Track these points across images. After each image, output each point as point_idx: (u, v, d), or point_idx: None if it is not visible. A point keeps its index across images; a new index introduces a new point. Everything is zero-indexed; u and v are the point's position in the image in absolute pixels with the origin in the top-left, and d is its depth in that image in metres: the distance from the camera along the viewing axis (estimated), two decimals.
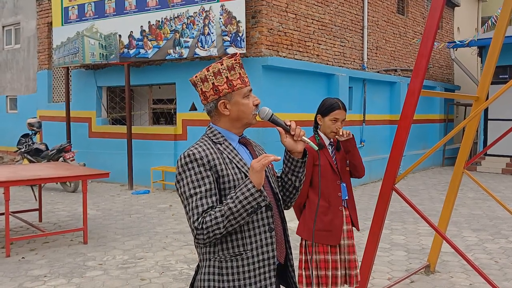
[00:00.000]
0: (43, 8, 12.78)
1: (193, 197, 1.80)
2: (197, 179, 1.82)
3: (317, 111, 3.18)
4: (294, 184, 2.06)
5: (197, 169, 1.82)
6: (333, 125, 3.10)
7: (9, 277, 4.82)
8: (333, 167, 3.15)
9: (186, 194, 1.82)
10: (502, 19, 4.10)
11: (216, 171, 1.84)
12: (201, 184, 1.81)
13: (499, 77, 13.09)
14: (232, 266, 1.86)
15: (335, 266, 3.14)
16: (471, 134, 4.51)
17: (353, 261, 3.19)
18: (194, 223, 1.78)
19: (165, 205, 8.47)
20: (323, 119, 3.12)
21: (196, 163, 1.82)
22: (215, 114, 1.96)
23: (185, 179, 1.83)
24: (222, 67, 1.90)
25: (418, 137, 13.93)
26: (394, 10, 13.49)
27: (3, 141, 14.59)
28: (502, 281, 4.71)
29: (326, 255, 3.11)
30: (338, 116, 3.09)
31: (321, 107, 3.16)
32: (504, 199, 9.07)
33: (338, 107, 3.11)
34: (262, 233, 1.90)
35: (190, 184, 1.81)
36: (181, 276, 4.88)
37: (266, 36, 8.84)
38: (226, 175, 1.85)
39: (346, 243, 3.20)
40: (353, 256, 3.21)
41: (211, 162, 1.84)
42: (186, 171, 1.83)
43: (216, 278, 1.86)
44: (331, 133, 3.12)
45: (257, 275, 1.88)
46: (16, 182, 5.62)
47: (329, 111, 3.10)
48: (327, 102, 3.15)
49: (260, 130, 8.60)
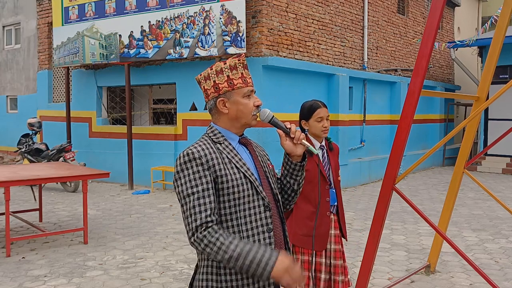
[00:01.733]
0: (43, 8, 12.79)
1: (191, 196, 1.80)
2: (195, 179, 1.81)
3: (300, 117, 3.15)
4: (292, 187, 2.06)
5: (195, 169, 1.82)
6: (320, 124, 3.08)
7: (9, 277, 4.82)
8: (322, 172, 3.08)
9: (183, 193, 1.82)
10: (502, 19, 4.10)
11: (215, 171, 1.84)
12: (198, 184, 1.81)
13: (500, 77, 13.09)
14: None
15: (319, 268, 3.08)
16: (471, 134, 4.51)
17: (338, 267, 3.11)
18: (192, 223, 1.77)
19: (165, 205, 8.47)
20: (308, 123, 3.10)
21: (194, 162, 1.83)
22: (215, 113, 1.97)
23: (183, 178, 1.83)
24: (225, 66, 1.93)
25: (418, 137, 13.93)
26: (394, 10, 13.49)
27: (3, 141, 14.60)
28: (502, 281, 4.71)
29: (310, 256, 3.07)
30: (321, 114, 3.07)
31: (302, 113, 3.14)
32: (504, 199, 9.07)
33: (318, 106, 3.10)
34: (260, 234, 1.89)
35: (188, 183, 1.81)
36: (181, 276, 4.88)
37: (266, 36, 8.84)
38: (225, 175, 1.85)
39: (333, 247, 3.13)
40: (339, 262, 3.12)
41: (209, 162, 1.84)
42: (184, 170, 1.83)
43: (214, 278, 1.86)
44: (323, 131, 3.09)
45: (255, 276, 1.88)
46: (16, 182, 5.62)
47: (311, 113, 3.09)
48: (306, 105, 3.14)
49: (260, 130, 8.60)
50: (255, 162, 1.98)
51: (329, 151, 3.21)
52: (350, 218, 7.56)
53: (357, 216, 7.69)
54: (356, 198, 9.39)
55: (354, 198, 9.43)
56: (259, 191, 1.89)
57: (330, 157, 3.19)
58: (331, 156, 3.20)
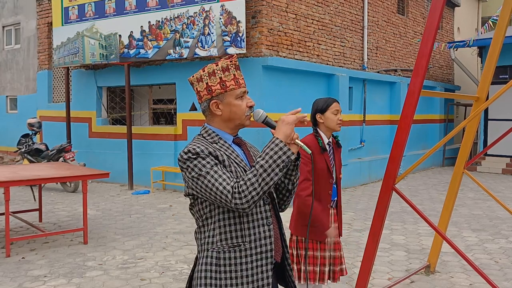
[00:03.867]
0: (43, 8, 12.78)
1: (210, 172, 1.82)
2: (204, 165, 1.84)
3: (315, 111, 3.25)
4: (287, 187, 2.08)
5: (201, 160, 1.85)
6: (336, 117, 3.19)
7: (9, 277, 4.82)
8: (329, 168, 3.20)
9: (201, 172, 1.82)
10: (502, 19, 4.10)
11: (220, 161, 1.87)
12: (212, 165, 1.84)
13: (499, 77, 13.10)
14: (229, 257, 1.88)
15: (323, 262, 3.22)
16: (471, 134, 4.51)
17: (338, 258, 3.30)
18: (225, 188, 1.79)
19: (165, 205, 8.47)
20: (324, 115, 3.19)
21: (198, 155, 1.85)
22: (209, 114, 2.00)
23: (194, 167, 1.84)
24: (217, 68, 1.95)
25: (418, 137, 13.93)
26: (394, 10, 13.49)
27: (3, 141, 14.60)
28: (502, 281, 4.71)
29: (315, 251, 3.21)
30: (337, 107, 3.21)
31: (317, 106, 3.24)
32: (504, 199, 9.06)
33: (334, 100, 3.23)
34: (260, 226, 1.92)
35: (201, 166, 1.83)
36: (181, 276, 4.88)
37: (266, 36, 8.84)
38: (228, 166, 1.89)
39: (332, 240, 3.28)
40: (338, 253, 3.30)
41: (212, 153, 1.87)
42: (192, 161, 1.85)
43: (214, 269, 1.88)
44: (338, 124, 3.20)
45: (254, 267, 1.90)
46: (16, 182, 5.62)
47: (327, 105, 3.20)
48: (322, 100, 3.25)
49: (260, 130, 8.60)
50: (249, 161, 2.02)
51: (336, 148, 3.32)
52: (350, 218, 7.56)
53: (357, 216, 7.69)
54: (356, 198, 9.39)
55: (354, 198, 9.43)
56: None
57: (335, 155, 3.30)
58: (336, 154, 3.31)
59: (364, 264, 3.80)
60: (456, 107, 17.25)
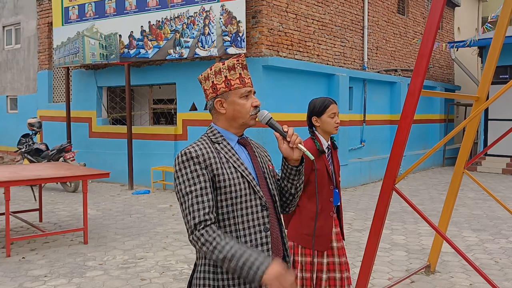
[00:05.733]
0: (43, 8, 12.79)
1: (189, 195, 1.83)
2: (193, 177, 1.84)
3: (311, 113, 3.10)
4: (290, 191, 2.06)
5: (192, 168, 1.84)
6: (333, 120, 3.05)
7: (9, 277, 4.82)
8: (328, 173, 3.07)
9: (182, 192, 1.85)
10: (502, 19, 4.10)
11: (212, 170, 1.86)
12: (196, 182, 1.83)
13: (500, 77, 13.10)
14: None
15: (320, 268, 3.07)
16: (471, 134, 4.51)
17: (343, 264, 3.12)
18: (191, 221, 1.79)
19: (165, 205, 8.47)
20: (320, 118, 3.06)
21: (192, 162, 1.85)
22: (214, 113, 2.00)
23: (181, 177, 1.86)
24: (223, 66, 1.95)
25: (418, 137, 13.93)
26: (394, 10, 13.49)
27: (3, 141, 14.59)
28: (502, 281, 4.71)
29: (312, 257, 3.05)
30: (334, 110, 3.05)
31: (313, 108, 3.08)
32: (504, 199, 9.07)
33: (331, 102, 3.07)
34: (257, 233, 1.91)
35: (186, 182, 1.84)
36: (181, 276, 4.88)
37: (266, 36, 8.84)
38: (222, 174, 1.87)
39: (336, 245, 3.12)
40: (343, 259, 3.13)
41: (206, 161, 1.87)
42: (182, 169, 1.86)
43: (212, 277, 1.87)
44: (335, 128, 3.07)
45: None
46: (16, 182, 5.62)
47: (324, 108, 3.05)
48: (317, 102, 3.09)
49: (260, 130, 8.60)
50: (253, 162, 1.99)
51: (333, 150, 3.19)
52: (350, 218, 7.56)
53: (357, 216, 7.69)
54: (356, 198, 9.39)
55: (354, 198, 9.43)
56: (256, 191, 1.91)
57: (333, 157, 3.17)
58: (334, 156, 3.19)
59: (364, 264, 3.80)
60: (456, 107, 17.25)
